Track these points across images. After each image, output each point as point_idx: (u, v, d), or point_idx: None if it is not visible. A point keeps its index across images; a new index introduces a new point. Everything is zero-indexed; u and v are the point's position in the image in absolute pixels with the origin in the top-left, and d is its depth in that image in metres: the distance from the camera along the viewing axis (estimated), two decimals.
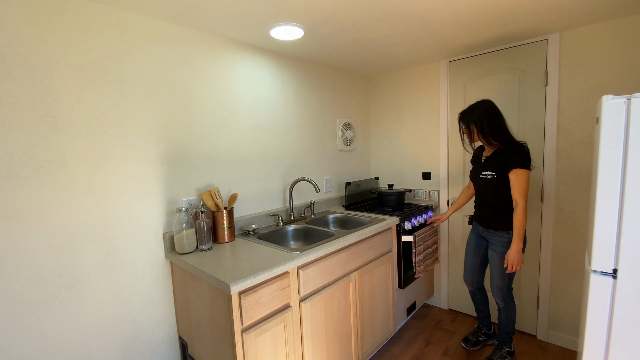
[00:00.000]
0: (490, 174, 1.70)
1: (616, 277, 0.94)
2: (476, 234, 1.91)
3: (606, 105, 0.92)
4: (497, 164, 1.67)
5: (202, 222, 1.49)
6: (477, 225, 1.89)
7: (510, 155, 1.61)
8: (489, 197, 1.75)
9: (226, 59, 1.74)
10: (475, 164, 1.83)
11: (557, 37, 1.89)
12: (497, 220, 1.73)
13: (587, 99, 1.84)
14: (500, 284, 1.76)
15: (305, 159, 2.24)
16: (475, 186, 1.83)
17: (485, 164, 1.74)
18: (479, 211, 1.84)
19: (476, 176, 1.79)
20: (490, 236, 1.79)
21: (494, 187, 1.71)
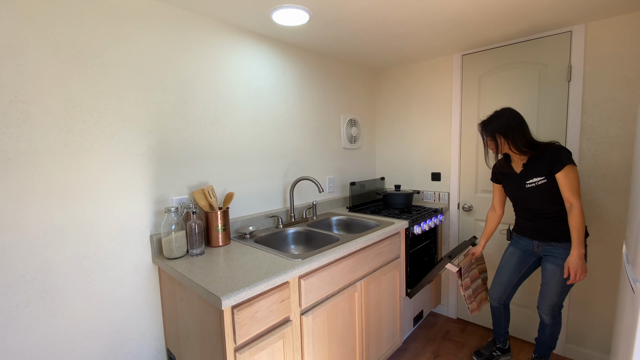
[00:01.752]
0: (540, 180, 1.51)
1: None
2: (523, 249, 1.69)
3: None
4: (543, 167, 1.50)
5: (194, 224, 1.34)
6: (526, 240, 1.66)
7: (553, 155, 1.46)
8: (544, 206, 1.54)
9: (224, 45, 1.59)
10: (509, 177, 1.64)
11: (583, 28, 1.75)
12: (560, 230, 1.53)
13: (614, 96, 1.69)
14: (555, 300, 1.58)
15: (307, 157, 2.10)
16: (519, 200, 1.63)
17: (525, 173, 1.56)
18: (532, 224, 1.61)
19: (519, 189, 1.60)
20: (551, 250, 1.57)
21: (547, 193, 1.51)
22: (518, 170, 1.60)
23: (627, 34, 1.63)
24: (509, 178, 1.65)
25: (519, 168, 1.60)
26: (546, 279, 1.59)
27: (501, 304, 1.80)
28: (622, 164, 1.69)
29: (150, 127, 1.34)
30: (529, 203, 1.59)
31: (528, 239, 1.66)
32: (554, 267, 1.55)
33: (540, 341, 1.71)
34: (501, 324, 1.85)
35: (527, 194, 1.57)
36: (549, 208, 1.54)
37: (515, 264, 1.71)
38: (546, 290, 1.59)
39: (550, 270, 1.57)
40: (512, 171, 1.63)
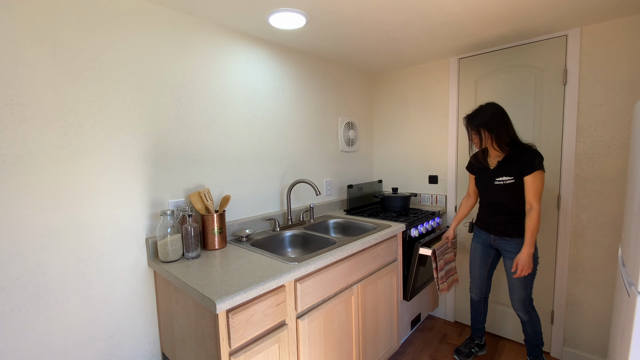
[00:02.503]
0: (508, 179, 1.60)
1: None
2: (483, 243, 1.81)
3: None
4: (514, 168, 1.58)
5: (190, 227, 1.34)
6: (485, 234, 1.78)
7: (528, 158, 1.54)
8: (507, 203, 1.64)
9: (221, 48, 1.60)
10: (483, 171, 1.71)
11: (578, 32, 1.76)
12: (515, 226, 1.64)
13: (610, 99, 1.70)
14: (522, 294, 1.65)
15: (304, 160, 2.10)
16: (486, 194, 1.72)
17: (498, 170, 1.64)
18: (492, 219, 1.71)
19: (488, 184, 1.68)
20: (505, 244, 1.68)
21: (512, 192, 1.61)
22: (492, 166, 1.68)
23: (622, 38, 1.64)
24: (481, 171, 1.73)
25: (493, 164, 1.68)
26: (509, 275, 1.69)
27: (482, 297, 1.88)
28: (618, 167, 1.70)
29: (146, 130, 1.34)
30: (493, 198, 1.68)
31: (486, 233, 1.77)
32: (511, 262, 1.66)
33: (528, 341, 1.75)
34: (480, 318, 1.93)
35: (496, 190, 1.65)
36: (509, 206, 1.64)
37: (481, 258, 1.82)
38: (511, 285, 1.68)
39: (509, 266, 1.68)
40: (486, 165, 1.71)
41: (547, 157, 1.92)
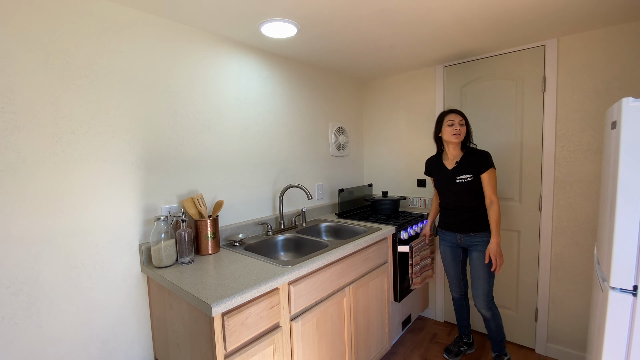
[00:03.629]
0: (468, 177, 1.72)
1: (636, 294, 0.86)
2: (450, 244, 1.89)
3: (627, 109, 0.85)
4: (472, 166, 1.71)
5: (183, 232, 1.36)
6: (450, 234, 1.86)
7: (482, 157, 1.70)
8: (468, 201, 1.75)
9: (214, 56, 1.62)
10: (441, 172, 1.82)
11: (555, 43, 1.86)
12: (478, 221, 1.75)
13: (585, 106, 1.80)
14: (487, 288, 1.74)
15: (296, 164, 2.13)
16: (447, 194, 1.81)
17: (458, 169, 1.75)
18: (455, 218, 1.81)
19: (449, 182, 1.78)
20: (471, 240, 1.77)
21: (472, 189, 1.73)
22: (450, 166, 1.78)
23: (596, 48, 1.74)
24: (440, 173, 1.83)
25: (451, 165, 1.79)
26: (474, 268, 1.76)
27: (462, 294, 1.96)
28: (594, 170, 1.79)
29: (140, 136, 1.35)
30: (455, 197, 1.77)
31: (451, 232, 1.85)
32: (478, 254, 1.75)
33: (492, 338, 1.83)
34: (464, 315, 2.00)
35: (457, 188, 1.75)
36: (470, 202, 1.74)
37: (452, 258, 1.90)
38: (476, 278, 1.76)
39: (476, 257, 1.75)
40: (443, 167, 1.81)
41: (528, 161, 2.01)
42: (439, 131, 1.81)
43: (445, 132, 1.76)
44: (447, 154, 1.82)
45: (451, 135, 1.72)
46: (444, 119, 1.77)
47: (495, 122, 2.11)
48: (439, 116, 1.83)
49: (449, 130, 1.73)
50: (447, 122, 1.75)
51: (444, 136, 1.77)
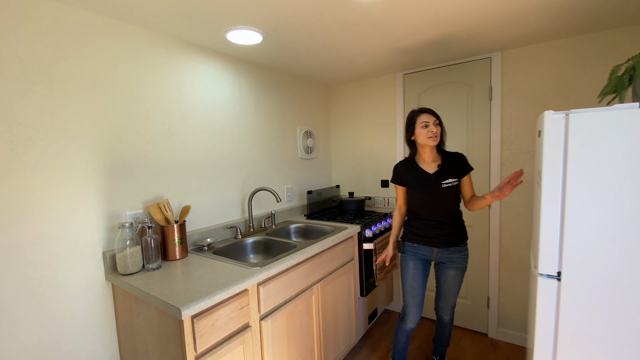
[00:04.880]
0: (454, 181, 1.56)
1: (560, 279, 1.02)
2: (422, 259, 1.65)
3: (548, 120, 1.00)
4: (455, 169, 1.58)
5: (150, 238, 1.35)
6: (426, 248, 1.63)
7: (462, 159, 1.61)
8: (452, 208, 1.58)
9: (178, 60, 1.62)
10: (420, 178, 1.60)
11: (499, 55, 2.06)
12: (460, 234, 1.60)
13: (525, 113, 2.01)
14: (455, 300, 1.71)
15: (265, 168, 2.17)
16: (427, 202, 1.59)
17: (442, 173, 1.57)
18: (436, 230, 1.59)
19: (433, 188, 1.56)
20: (449, 255, 1.61)
21: (456, 195, 1.58)
22: (431, 170, 1.60)
23: (534, 61, 1.96)
24: (419, 179, 1.61)
25: (431, 169, 1.60)
26: (449, 285, 1.65)
27: (417, 324, 1.68)
28: (533, 171, 2.01)
29: (102, 142, 1.33)
30: (439, 205, 1.57)
31: (427, 247, 1.63)
32: (456, 272, 1.62)
33: (441, 341, 1.83)
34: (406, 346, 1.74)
35: (442, 194, 1.56)
36: (453, 211, 1.59)
37: (422, 278, 1.65)
38: (449, 294, 1.68)
39: (453, 276, 1.63)
40: (423, 172, 1.61)
41: (477, 163, 2.20)
42: (412, 134, 1.60)
43: (420, 136, 1.55)
44: (423, 158, 1.62)
45: (427, 139, 1.53)
46: (416, 121, 1.56)
47: (449, 126, 2.29)
48: (409, 117, 1.62)
49: (423, 132, 1.54)
50: (420, 124, 1.54)
51: (419, 140, 1.57)
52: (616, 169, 0.90)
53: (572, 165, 0.96)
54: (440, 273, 1.68)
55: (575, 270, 0.99)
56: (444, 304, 1.71)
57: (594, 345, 0.98)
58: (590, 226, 0.95)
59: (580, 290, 0.98)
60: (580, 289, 0.98)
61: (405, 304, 1.68)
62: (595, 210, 0.94)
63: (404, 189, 1.70)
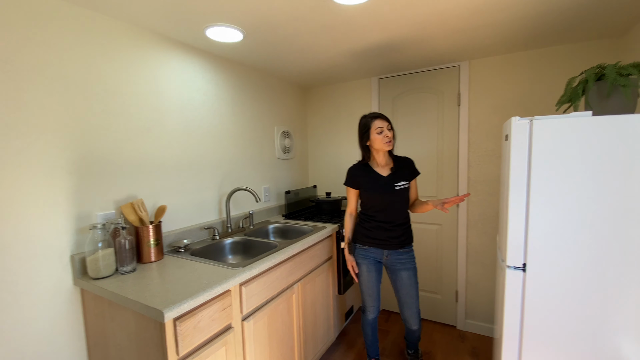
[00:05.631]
0: (405, 184, 1.64)
1: (525, 270, 1.11)
2: (373, 260, 1.71)
3: (514, 125, 1.09)
4: (407, 173, 1.67)
5: (123, 240, 1.29)
6: (376, 250, 1.69)
7: (411, 163, 1.72)
8: (403, 210, 1.67)
9: (155, 55, 1.56)
10: (375, 181, 1.65)
11: (467, 64, 2.20)
12: (408, 236, 1.69)
13: (490, 119, 2.17)
14: (418, 305, 1.71)
15: (242, 167, 2.14)
16: (381, 204, 1.64)
17: (395, 175, 1.64)
18: (387, 233, 1.65)
19: (387, 191, 1.62)
20: (398, 258, 1.67)
21: (407, 197, 1.66)
22: (385, 173, 1.66)
23: (498, 71, 2.12)
24: (374, 182, 1.65)
25: (385, 172, 1.66)
26: (405, 287, 1.67)
27: (378, 312, 1.81)
28: (496, 172, 2.17)
29: (71, 138, 1.25)
30: (393, 208, 1.63)
31: (378, 249, 1.68)
32: (408, 272, 1.66)
33: (413, 341, 1.88)
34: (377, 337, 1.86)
35: (395, 196, 1.62)
36: (404, 213, 1.67)
37: (376, 277, 1.73)
38: (409, 298, 1.68)
39: (407, 277, 1.66)
40: (377, 175, 1.65)
41: (447, 165, 2.33)
42: (367, 139, 1.64)
43: (376, 141, 1.61)
44: (377, 162, 1.68)
45: (384, 144, 1.60)
46: (371, 127, 1.61)
47: (421, 130, 2.40)
48: (363, 123, 1.65)
49: (379, 138, 1.60)
50: (375, 130, 1.60)
51: (375, 145, 1.62)
52: (573, 169, 1.01)
53: (535, 165, 1.06)
54: (394, 278, 1.71)
55: (538, 262, 1.09)
56: (409, 313, 1.71)
57: (555, 328, 1.08)
58: (552, 221, 1.05)
59: (542, 279, 1.08)
60: (543, 278, 1.09)
61: (363, 299, 1.80)
62: (555, 206, 1.05)
63: (357, 192, 1.74)
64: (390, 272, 1.73)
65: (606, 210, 0.97)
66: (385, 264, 1.73)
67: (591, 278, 1.01)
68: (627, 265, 0.97)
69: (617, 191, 0.95)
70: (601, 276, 1.00)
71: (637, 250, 0.95)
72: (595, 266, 1.01)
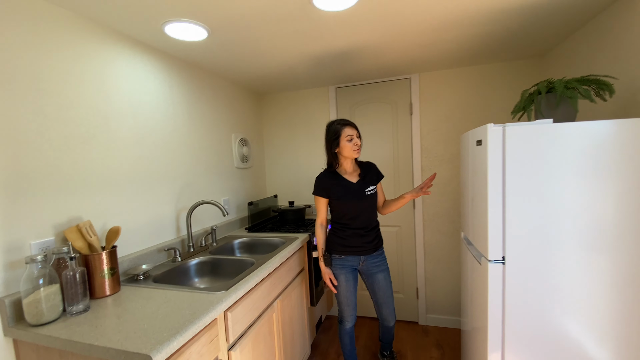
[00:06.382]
0: (373, 188, 1.68)
1: (504, 263, 1.22)
2: (351, 269, 1.70)
3: (490, 131, 1.20)
4: (374, 178, 1.71)
5: (72, 273, 1.04)
6: (353, 258, 1.68)
7: (375, 167, 1.76)
8: (374, 214, 1.70)
9: (102, 51, 1.32)
10: (346, 188, 1.64)
11: (417, 77, 2.39)
12: (380, 237, 1.73)
13: (439, 126, 2.38)
14: (393, 302, 1.76)
15: (201, 179, 1.94)
16: (354, 211, 1.64)
17: (364, 181, 1.67)
18: (362, 239, 1.66)
19: (359, 197, 1.63)
20: (373, 261, 1.70)
21: (376, 201, 1.70)
22: (354, 180, 1.66)
23: (444, 84, 2.34)
24: (345, 189, 1.64)
25: (354, 179, 1.67)
26: (382, 289, 1.71)
27: (354, 322, 1.79)
28: (447, 174, 2.38)
29: None
30: (365, 213, 1.65)
31: (354, 256, 1.68)
32: (383, 274, 1.71)
33: (388, 340, 1.91)
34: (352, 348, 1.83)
35: (367, 201, 1.64)
36: (375, 217, 1.71)
37: (354, 286, 1.72)
38: (387, 298, 1.73)
39: (383, 279, 1.70)
40: (348, 182, 1.65)
41: (402, 169, 2.48)
42: (337, 146, 1.63)
43: (345, 148, 1.60)
44: (345, 169, 1.68)
45: (353, 152, 1.61)
46: (341, 134, 1.61)
47: (379, 137, 2.51)
48: (333, 130, 1.64)
49: (349, 146, 1.60)
50: (346, 137, 1.60)
51: (344, 152, 1.61)
52: (540, 170, 1.16)
53: (509, 166, 1.19)
54: (371, 282, 1.73)
55: (515, 255, 1.21)
56: (387, 311, 1.75)
57: (532, 313, 1.21)
58: (528, 218, 1.18)
59: (519, 270, 1.21)
60: (520, 270, 1.21)
61: (341, 310, 1.76)
62: (528, 204, 1.18)
63: (327, 201, 1.70)
64: (367, 277, 1.74)
65: (570, 205, 1.13)
66: (361, 270, 1.74)
67: (562, 267, 1.16)
68: (591, 253, 1.14)
69: (578, 187, 1.12)
70: (571, 265, 1.16)
71: (597, 240, 1.12)
72: (564, 256, 1.16)
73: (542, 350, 1.21)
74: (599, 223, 1.12)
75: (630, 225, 1.09)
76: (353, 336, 1.82)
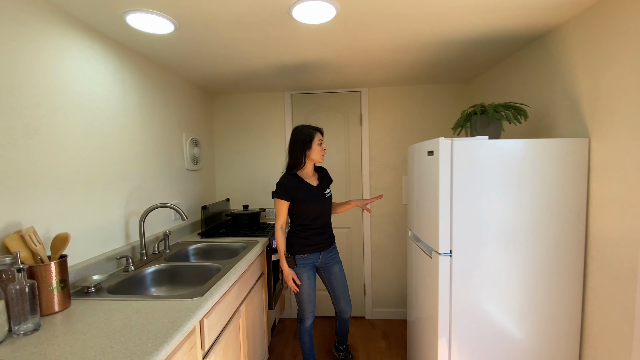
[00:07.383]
0: (330, 191, 1.83)
1: (452, 255, 1.44)
2: (312, 266, 1.80)
3: (442, 144, 1.42)
4: (327, 181, 1.85)
5: (21, 287, 0.90)
6: (314, 255, 1.79)
7: (326, 172, 1.89)
8: (330, 214, 1.85)
9: (47, 34, 1.16)
10: (309, 191, 1.73)
11: (367, 91, 2.60)
12: (332, 233, 1.88)
13: (385, 137, 2.63)
14: (348, 290, 1.92)
15: (151, 180, 1.80)
16: (316, 212, 1.74)
17: (322, 184, 1.80)
18: (322, 237, 1.79)
19: (319, 199, 1.74)
20: (329, 254, 1.84)
21: (331, 202, 1.85)
22: (315, 183, 1.78)
23: (391, 98, 2.59)
24: (308, 192, 1.72)
25: (314, 182, 1.78)
26: (338, 279, 1.85)
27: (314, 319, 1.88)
28: (391, 180, 2.63)
29: None
30: (325, 214, 1.79)
31: (315, 253, 1.78)
32: (338, 265, 1.87)
33: (344, 332, 2.02)
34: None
35: (326, 203, 1.78)
36: (330, 216, 1.86)
37: (315, 283, 1.82)
38: (344, 288, 1.87)
39: (338, 270, 1.86)
40: (309, 185, 1.74)
41: (352, 176, 2.66)
42: (309, 148, 1.70)
43: (315, 152, 1.70)
44: (307, 173, 1.77)
45: (320, 156, 1.72)
46: (314, 138, 1.70)
47: (332, 144, 2.65)
48: (306, 133, 1.70)
49: (319, 150, 1.71)
50: (317, 142, 1.70)
51: (313, 155, 1.71)
52: (480, 177, 1.40)
53: (456, 174, 1.41)
54: (328, 274, 1.85)
55: (460, 248, 1.44)
56: (344, 302, 1.88)
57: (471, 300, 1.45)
58: (468, 217, 1.42)
59: (461, 261, 1.44)
60: (462, 261, 1.44)
61: (302, 308, 1.83)
62: (471, 206, 1.42)
63: (288, 204, 1.73)
64: (324, 270, 1.86)
65: (496, 206, 1.40)
66: (319, 267, 1.85)
67: (490, 257, 1.42)
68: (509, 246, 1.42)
69: (502, 192, 1.40)
70: (497, 256, 1.42)
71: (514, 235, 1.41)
72: (492, 248, 1.42)
73: (479, 332, 1.45)
74: (516, 221, 1.41)
75: (534, 224, 1.40)
76: (312, 334, 1.90)
